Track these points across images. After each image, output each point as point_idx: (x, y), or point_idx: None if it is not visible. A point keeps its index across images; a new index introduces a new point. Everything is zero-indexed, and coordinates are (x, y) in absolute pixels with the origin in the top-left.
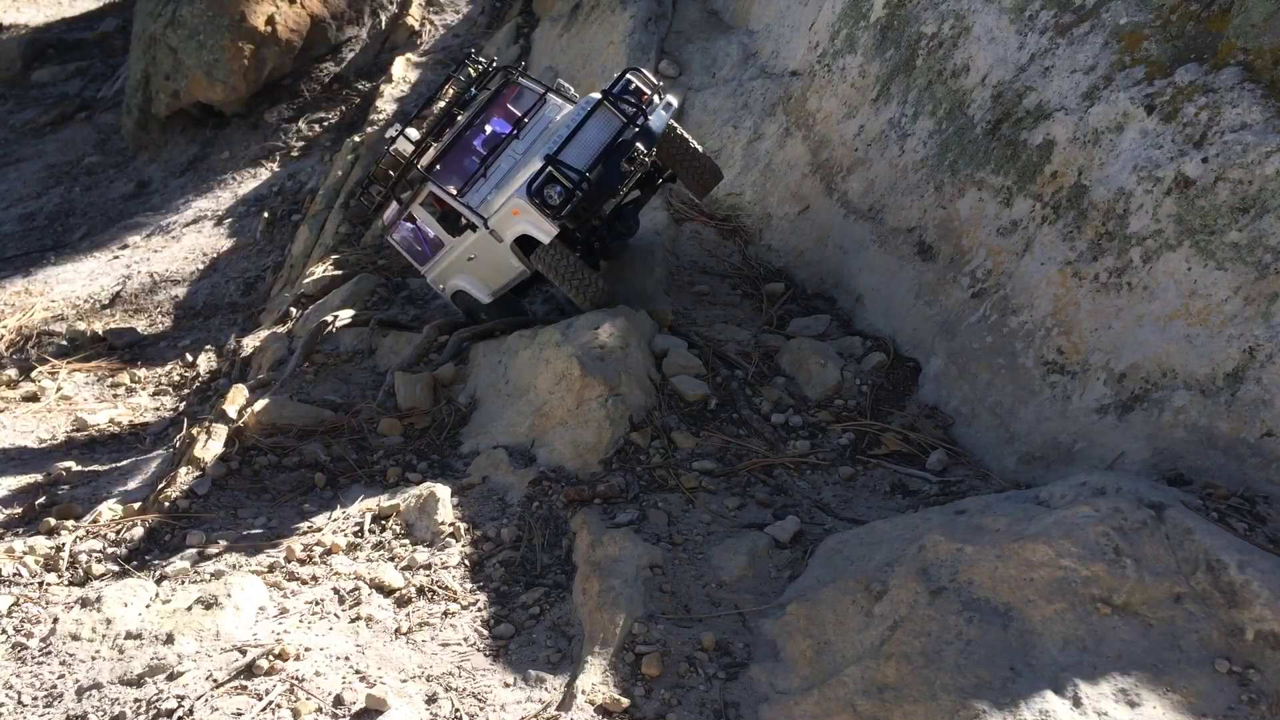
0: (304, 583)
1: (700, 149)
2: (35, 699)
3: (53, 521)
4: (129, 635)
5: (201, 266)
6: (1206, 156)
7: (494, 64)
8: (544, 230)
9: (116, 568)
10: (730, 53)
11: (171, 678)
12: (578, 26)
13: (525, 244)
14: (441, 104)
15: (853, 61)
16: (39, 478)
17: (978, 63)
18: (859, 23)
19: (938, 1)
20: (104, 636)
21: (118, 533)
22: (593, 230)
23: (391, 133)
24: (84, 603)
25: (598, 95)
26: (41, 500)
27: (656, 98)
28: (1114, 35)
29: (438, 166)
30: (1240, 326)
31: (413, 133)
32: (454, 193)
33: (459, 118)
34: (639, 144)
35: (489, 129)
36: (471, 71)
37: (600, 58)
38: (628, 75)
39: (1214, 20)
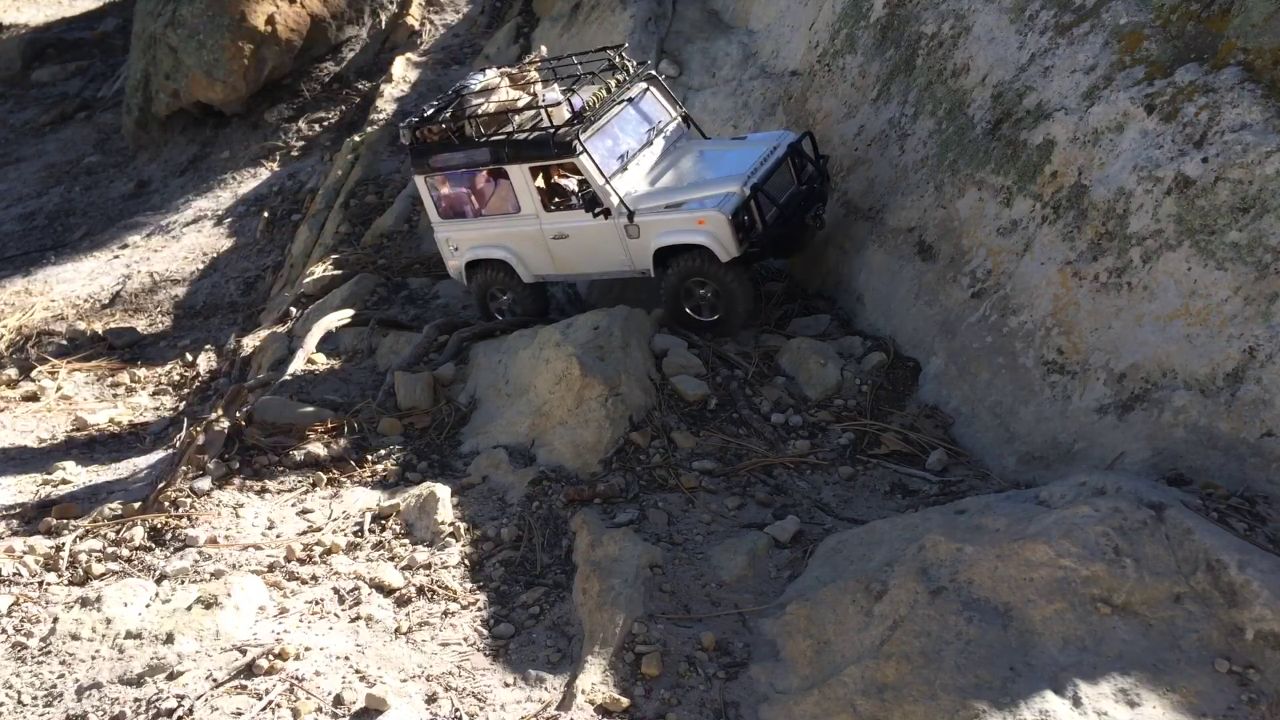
0: (304, 582)
1: None
2: (35, 698)
3: (53, 521)
4: (129, 635)
5: (201, 266)
6: (1206, 156)
7: (647, 63)
8: (727, 250)
9: (116, 568)
10: (730, 53)
11: (171, 677)
12: (578, 26)
13: (661, 253)
14: (534, 79)
15: (853, 61)
16: (39, 478)
17: (978, 63)
18: (859, 23)
19: (938, 1)
20: (104, 636)
21: (118, 533)
22: None
23: (549, 93)
24: (84, 602)
25: (780, 139)
26: (41, 500)
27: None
28: (1114, 35)
29: (591, 144)
30: (1240, 326)
31: (555, 94)
32: (606, 175)
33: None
34: (820, 204)
35: (627, 126)
36: (629, 67)
37: None
38: (807, 135)
39: (1214, 20)
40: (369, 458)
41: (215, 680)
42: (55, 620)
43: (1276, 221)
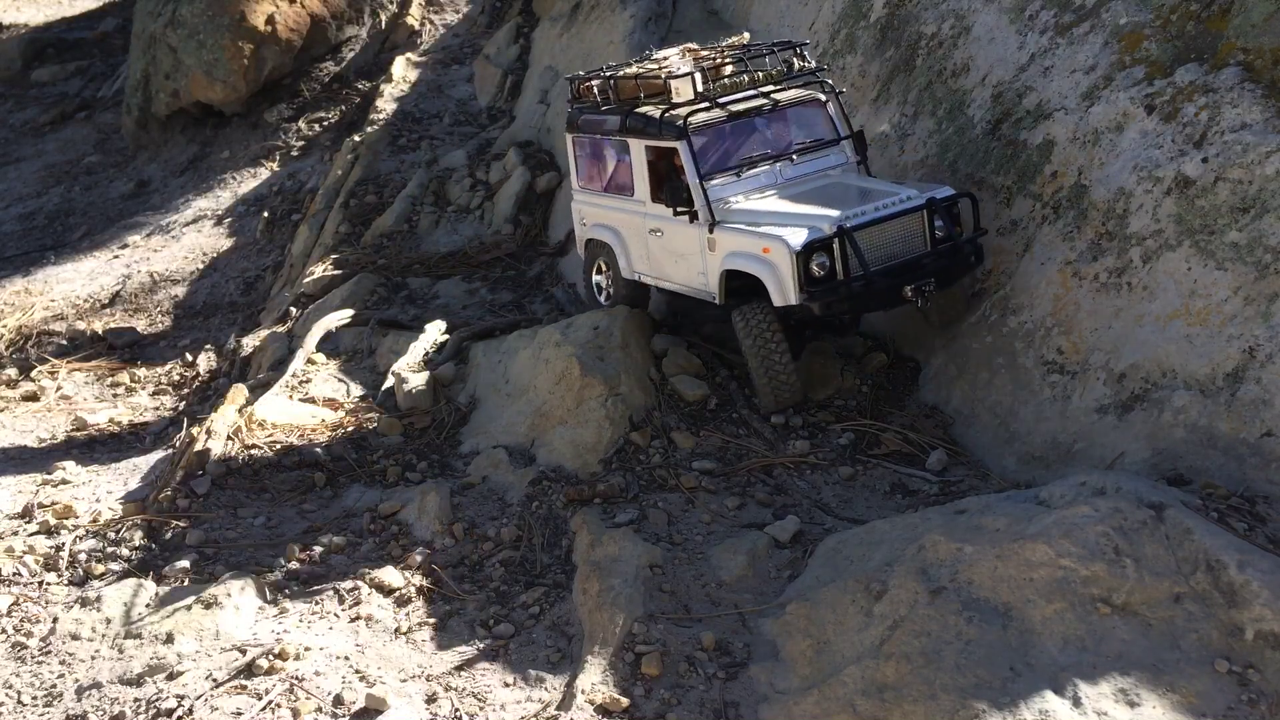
0: (304, 582)
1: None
2: (35, 699)
3: (53, 521)
4: (129, 635)
5: (201, 266)
6: (1206, 156)
7: (826, 70)
8: (783, 293)
9: (116, 567)
10: None
11: (171, 677)
12: (578, 26)
13: (732, 281)
14: (718, 57)
15: (853, 61)
16: (39, 478)
17: (978, 62)
18: (859, 23)
19: (938, 1)
20: (104, 636)
21: (118, 533)
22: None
23: (684, 64)
24: (84, 603)
25: (919, 193)
26: (41, 500)
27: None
28: (1114, 35)
29: (697, 133)
30: (1240, 326)
31: (685, 64)
32: (701, 172)
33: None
34: (933, 280)
35: (763, 130)
36: (798, 64)
37: (600, 58)
38: (966, 196)
39: (1214, 20)
40: (369, 458)
41: (215, 680)
42: (55, 620)
43: (1276, 221)
